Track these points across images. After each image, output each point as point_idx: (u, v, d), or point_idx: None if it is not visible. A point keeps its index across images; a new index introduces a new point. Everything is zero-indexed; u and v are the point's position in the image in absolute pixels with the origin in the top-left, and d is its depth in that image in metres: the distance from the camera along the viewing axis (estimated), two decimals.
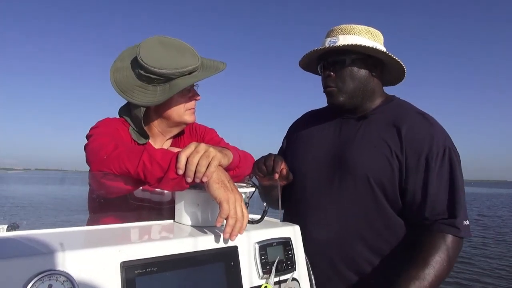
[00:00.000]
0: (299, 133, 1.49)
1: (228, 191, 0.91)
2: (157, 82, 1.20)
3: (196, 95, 1.32)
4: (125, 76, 1.23)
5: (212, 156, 0.92)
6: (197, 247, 0.86)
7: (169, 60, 1.19)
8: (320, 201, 1.28)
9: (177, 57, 1.21)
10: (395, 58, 1.27)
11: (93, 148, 1.07)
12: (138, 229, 0.97)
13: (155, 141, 1.36)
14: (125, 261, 0.75)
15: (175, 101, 1.27)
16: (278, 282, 0.97)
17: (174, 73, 1.19)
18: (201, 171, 0.90)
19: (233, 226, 0.89)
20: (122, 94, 1.23)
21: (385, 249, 1.22)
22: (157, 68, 1.17)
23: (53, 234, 0.86)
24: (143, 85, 1.22)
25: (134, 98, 1.22)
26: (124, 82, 1.23)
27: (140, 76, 1.21)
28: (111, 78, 1.24)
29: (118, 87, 1.23)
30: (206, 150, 0.92)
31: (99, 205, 1.23)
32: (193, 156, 0.91)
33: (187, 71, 1.21)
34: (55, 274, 0.66)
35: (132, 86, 1.22)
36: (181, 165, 0.91)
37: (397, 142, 1.21)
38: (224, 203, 0.89)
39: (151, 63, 1.18)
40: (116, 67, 1.26)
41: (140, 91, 1.22)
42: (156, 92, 1.21)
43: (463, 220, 1.15)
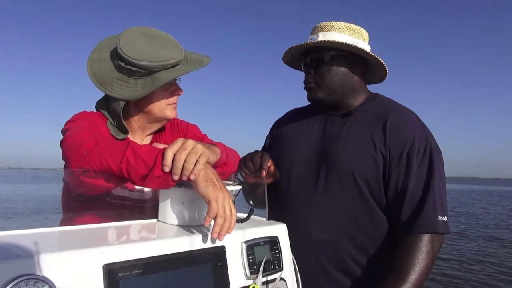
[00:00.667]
0: (283, 131, 1.47)
1: (217, 189, 0.88)
2: (138, 75, 1.15)
3: (178, 89, 1.27)
4: (104, 68, 1.17)
5: (200, 153, 0.89)
6: (184, 248, 0.83)
7: (151, 52, 1.14)
8: (306, 199, 1.28)
9: (160, 49, 1.15)
10: (374, 55, 1.27)
11: (72, 143, 1.00)
12: (120, 229, 0.93)
13: (134, 136, 1.30)
14: (108, 263, 0.71)
15: (157, 95, 1.22)
16: (266, 282, 0.95)
17: (157, 66, 1.14)
18: (188, 169, 0.87)
19: (221, 225, 0.86)
20: (100, 87, 1.17)
21: (371, 247, 1.22)
22: (138, 60, 1.12)
23: (28, 235, 0.80)
24: (123, 78, 1.16)
25: (114, 91, 1.16)
26: (102, 74, 1.17)
27: (120, 68, 1.15)
28: (88, 70, 1.17)
29: (96, 80, 1.16)
30: (193, 147, 0.89)
31: (75, 204, 1.16)
32: (180, 153, 0.87)
33: (170, 64, 1.15)
34: (32, 279, 0.61)
35: (111, 78, 1.16)
36: (167, 162, 0.87)
37: (382, 138, 1.22)
38: (213, 201, 0.86)
39: (132, 54, 1.12)
40: (94, 58, 1.19)
41: (120, 84, 1.16)
42: (137, 85, 1.15)
43: (440, 216, 1.15)
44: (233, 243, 0.92)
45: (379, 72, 1.38)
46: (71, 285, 0.66)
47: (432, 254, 1.14)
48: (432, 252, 1.14)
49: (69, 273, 0.66)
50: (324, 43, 1.25)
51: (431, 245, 1.14)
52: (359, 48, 1.25)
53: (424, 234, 1.14)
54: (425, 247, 1.13)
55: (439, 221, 1.15)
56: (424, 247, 1.13)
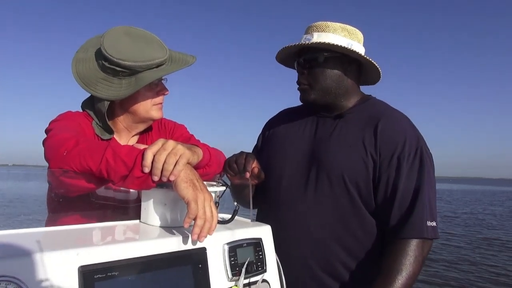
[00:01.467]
0: (275, 131, 1.46)
1: (197, 191, 0.87)
2: (122, 75, 1.14)
3: (164, 89, 1.26)
4: (88, 68, 1.16)
5: (180, 154, 0.88)
6: (163, 249, 0.82)
7: (135, 52, 1.13)
8: (296, 201, 1.27)
9: (144, 48, 1.15)
10: (368, 58, 1.26)
11: (53, 143, 0.99)
12: (100, 230, 0.92)
13: (120, 137, 1.29)
14: (84, 265, 0.70)
15: (142, 95, 1.21)
16: (248, 284, 0.95)
17: (140, 66, 1.13)
18: (168, 169, 0.86)
19: (201, 226, 0.85)
20: (85, 87, 1.16)
21: (359, 250, 1.22)
22: (122, 60, 1.11)
23: (4, 236, 0.79)
24: (107, 78, 1.15)
25: (98, 91, 1.15)
26: (87, 74, 1.16)
27: (104, 68, 1.14)
28: (73, 70, 1.16)
29: (81, 80, 1.16)
30: (174, 147, 0.88)
31: (59, 205, 1.15)
32: (160, 154, 0.86)
33: (154, 64, 1.15)
34: (3, 281, 0.60)
35: (95, 78, 1.15)
36: (147, 163, 0.86)
37: (372, 141, 1.21)
38: (192, 203, 0.85)
39: (115, 54, 1.11)
40: (79, 58, 1.18)
41: (104, 84, 1.15)
42: (121, 85, 1.14)
43: (428, 222, 1.14)
44: (215, 244, 0.91)
45: (373, 74, 1.37)
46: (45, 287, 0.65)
47: (420, 259, 1.13)
48: (420, 257, 1.13)
49: (43, 275, 0.65)
50: (319, 44, 1.24)
51: (419, 250, 1.13)
52: (353, 51, 1.24)
53: (412, 239, 1.13)
54: (412, 252, 1.12)
55: (428, 226, 1.14)
56: (412, 251, 1.12)
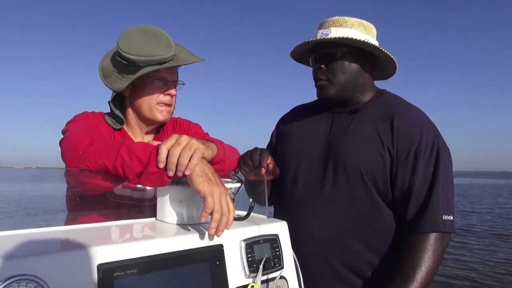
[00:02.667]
0: (289, 128, 1.46)
1: (213, 185, 0.86)
2: (130, 69, 1.18)
3: (170, 89, 1.27)
4: (109, 62, 1.22)
5: (194, 148, 0.88)
6: (181, 246, 0.82)
7: (141, 48, 1.16)
8: (313, 197, 1.26)
9: (151, 45, 1.17)
10: (386, 52, 1.25)
11: (68, 143, 1.01)
12: (118, 228, 0.92)
13: (134, 134, 1.32)
14: (103, 263, 0.70)
15: (147, 92, 1.24)
16: (266, 281, 0.94)
17: (141, 61, 1.16)
18: (183, 164, 0.86)
19: (218, 221, 0.84)
20: (102, 78, 1.22)
21: (378, 244, 1.21)
22: (127, 53, 1.15)
23: (26, 234, 0.80)
24: (118, 71, 1.20)
25: (109, 83, 1.21)
26: (106, 68, 1.22)
27: (116, 61, 1.19)
28: (99, 64, 1.23)
29: (102, 72, 1.22)
30: (188, 142, 0.88)
31: (77, 203, 1.17)
32: (174, 148, 0.86)
33: (154, 61, 1.17)
34: (24, 279, 0.61)
35: (111, 71, 1.21)
36: (161, 158, 0.86)
37: (389, 136, 1.20)
38: (208, 197, 0.84)
39: (124, 48, 1.16)
40: (107, 54, 1.25)
41: (116, 76, 1.20)
42: (128, 79, 1.18)
43: (444, 215, 1.14)
44: (232, 241, 0.91)
45: (388, 68, 1.36)
46: (65, 285, 0.65)
47: (439, 252, 1.13)
48: (438, 251, 1.12)
49: (63, 273, 0.66)
50: (339, 39, 1.22)
51: (437, 244, 1.13)
52: (374, 45, 1.23)
53: (429, 233, 1.13)
54: (431, 246, 1.12)
55: (444, 220, 1.13)
56: (430, 245, 1.12)
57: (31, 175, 9.12)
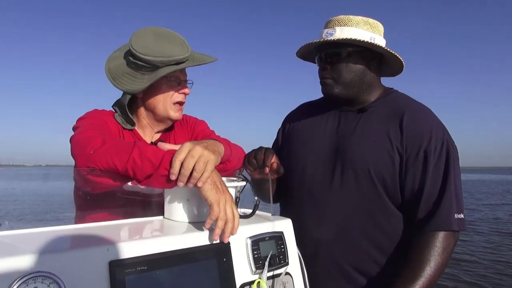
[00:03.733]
0: (295, 126, 1.46)
1: (219, 193, 0.89)
2: (145, 70, 1.19)
3: (185, 88, 1.29)
4: (118, 64, 1.23)
5: (207, 160, 0.89)
6: (189, 244, 0.84)
7: (157, 48, 1.17)
8: (321, 196, 1.27)
9: (166, 46, 1.19)
10: (392, 52, 1.25)
11: (79, 141, 1.03)
12: (127, 226, 0.95)
13: (144, 133, 1.33)
14: (114, 260, 0.72)
15: (162, 91, 1.26)
16: (271, 277, 0.96)
17: (160, 61, 1.17)
18: (196, 177, 0.88)
19: (222, 228, 0.88)
20: (112, 80, 1.22)
21: (386, 244, 1.22)
22: (144, 55, 1.16)
23: (38, 233, 0.82)
24: (131, 72, 1.20)
25: (122, 84, 1.21)
26: (115, 70, 1.23)
27: (129, 62, 1.20)
28: (105, 67, 1.24)
29: (110, 74, 1.22)
30: (201, 155, 0.89)
31: (86, 201, 1.19)
32: (187, 161, 0.87)
33: (173, 61, 1.18)
34: (40, 276, 0.63)
35: (122, 73, 1.21)
36: (175, 171, 0.87)
37: (398, 136, 1.20)
38: (214, 205, 0.87)
39: (139, 49, 1.17)
40: (112, 56, 1.26)
41: (128, 78, 1.21)
42: (143, 80, 1.19)
43: (456, 214, 1.15)
44: (238, 238, 0.93)
45: (395, 66, 1.35)
46: (78, 281, 0.68)
47: (448, 250, 1.14)
48: (448, 249, 1.14)
49: (76, 270, 0.68)
50: (342, 40, 1.22)
51: (446, 242, 1.14)
52: (378, 45, 1.23)
53: (440, 231, 1.14)
54: (440, 244, 1.13)
55: (455, 218, 1.14)
56: (440, 243, 1.13)
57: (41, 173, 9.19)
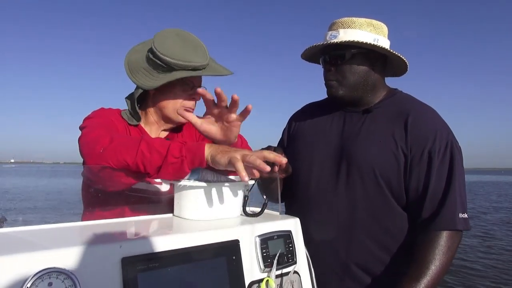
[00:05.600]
0: (300, 126, 1.47)
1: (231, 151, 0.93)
2: (161, 69, 1.20)
3: (196, 94, 1.30)
4: (137, 58, 1.24)
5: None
6: (199, 242, 0.85)
7: (178, 51, 1.19)
8: (327, 196, 1.28)
9: (187, 50, 1.20)
10: (395, 53, 1.26)
11: (88, 141, 1.04)
12: (138, 224, 0.96)
13: (150, 129, 1.35)
14: (126, 257, 0.73)
15: (174, 94, 1.27)
16: (280, 275, 0.97)
17: (177, 64, 1.18)
18: None
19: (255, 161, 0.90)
20: (128, 72, 1.24)
21: (391, 244, 1.23)
22: (163, 55, 1.18)
23: (52, 229, 0.84)
24: (148, 69, 1.22)
25: (137, 78, 1.23)
26: (134, 63, 1.24)
27: (148, 59, 1.22)
28: (125, 58, 1.26)
29: (128, 66, 1.24)
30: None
31: (95, 199, 1.20)
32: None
33: (190, 66, 1.19)
34: (55, 272, 0.64)
35: (139, 67, 1.23)
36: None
37: (403, 136, 1.21)
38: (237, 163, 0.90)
39: (160, 48, 1.18)
40: (135, 49, 1.27)
41: (144, 73, 1.22)
42: (158, 78, 1.21)
43: (460, 214, 1.16)
44: (247, 237, 0.94)
45: (400, 66, 1.36)
46: (91, 277, 0.69)
47: (452, 249, 1.15)
48: (452, 248, 1.15)
49: (89, 266, 0.69)
50: (346, 42, 1.24)
51: (451, 241, 1.15)
52: (381, 47, 1.24)
53: (444, 230, 1.15)
54: (445, 243, 1.14)
55: (460, 218, 1.16)
56: (444, 242, 1.14)
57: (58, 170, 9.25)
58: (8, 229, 0.82)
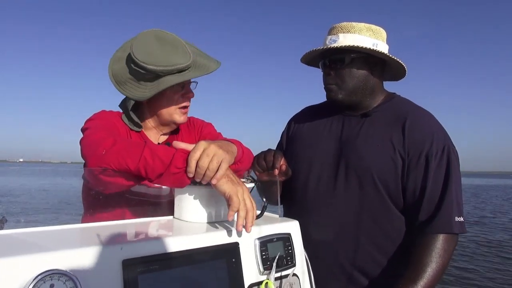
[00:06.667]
0: (299, 129, 1.48)
1: (236, 185, 0.92)
2: (147, 77, 1.18)
3: (189, 92, 1.30)
4: (121, 68, 1.21)
5: (221, 159, 0.92)
6: (199, 244, 0.85)
7: (159, 57, 1.16)
8: (325, 199, 1.29)
9: (169, 54, 1.17)
10: (394, 58, 1.27)
11: (90, 142, 1.04)
12: (138, 226, 0.96)
13: (150, 135, 1.34)
14: (127, 259, 0.74)
15: (167, 98, 1.26)
16: (279, 278, 0.97)
17: (162, 70, 1.16)
18: (209, 176, 0.91)
19: (244, 217, 0.90)
20: (116, 85, 1.22)
21: (389, 246, 1.24)
22: (146, 64, 1.15)
23: (53, 231, 0.84)
24: (133, 79, 1.20)
25: (126, 90, 1.21)
26: (119, 74, 1.21)
27: (131, 69, 1.19)
28: (109, 68, 1.22)
29: (114, 78, 1.21)
30: (215, 153, 0.92)
31: (96, 201, 1.21)
32: (202, 160, 0.90)
33: (175, 70, 1.17)
34: (57, 273, 0.65)
35: (125, 78, 1.20)
36: (191, 169, 0.91)
37: (401, 140, 1.23)
38: (233, 196, 0.89)
39: (141, 57, 1.15)
40: (116, 56, 1.23)
41: (132, 84, 1.20)
42: (146, 87, 1.19)
43: (456, 217, 1.17)
44: (246, 239, 0.94)
45: (398, 71, 1.38)
46: (92, 279, 0.69)
47: (449, 252, 1.16)
48: (448, 251, 1.16)
49: (91, 268, 0.70)
50: (345, 47, 1.25)
51: (447, 244, 1.16)
52: (380, 52, 1.25)
53: (440, 234, 1.16)
54: (441, 246, 1.15)
55: (456, 221, 1.17)
56: (441, 245, 1.15)
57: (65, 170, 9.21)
58: (10, 230, 0.83)
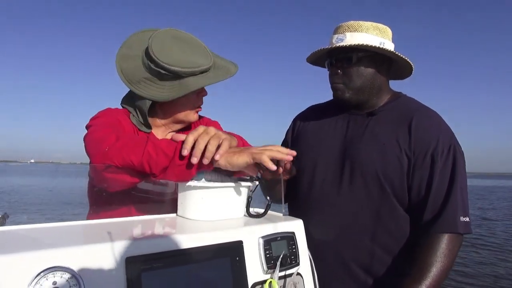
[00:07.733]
0: (304, 128, 1.47)
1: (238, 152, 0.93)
2: (166, 77, 1.16)
3: (204, 91, 1.30)
4: (133, 66, 1.19)
5: (222, 138, 0.91)
6: (203, 242, 0.85)
7: (181, 57, 1.15)
8: (330, 198, 1.28)
9: (190, 54, 1.17)
10: (402, 56, 1.26)
11: (94, 139, 1.04)
12: (142, 223, 0.96)
13: (157, 132, 1.34)
14: (130, 256, 0.74)
15: (184, 98, 1.23)
16: (283, 277, 0.97)
17: (185, 72, 1.15)
18: (211, 151, 0.88)
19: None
20: (128, 84, 1.20)
21: (394, 246, 1.23)
22: (168, 65, 1.13)
23: (56, 228, 0.84)
24: (151, 78, 1.17)
25: (141, 90, 1.18)
26: (131, 72, 1.19)
27: (149, 68, 1.17)
28: (117, 66, 1.20)
29: (125, 77, 1.19)
30: (215, 132, 0.90)
31: (100, 198, 1.21)
32: (202, 137, 0.89)
33: (198, 71, 1.17)
34: (59, 270, 0.65)
35: (139, 77, 1.18)
36: (187, 145, 0.88)
37: (407, 139, 1.22)
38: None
39: (163, 58, 1.13)
40: (123, 54, 1.21)
41: (147, 83, 1.18)
42: (164, 87, 1.17)
43: (461, 217, 1.16)
44: (250, 238, 0.94)
45: (405, 69, 1.37)
46: (95, 276, 0.69)
47: (454, 252, 1.15)
48: (453, 251, 1.15)
49: (93, 265, 0.70)
50: (355, 45, 1.24)
51: (452, 244, 1.15)
52: (388, 50, 1.24)
53: (445, 233, 1.15)
54: (446, 246, 1.14)
55: (461, 221, 1.16)
56: (446, 245, 1.14)
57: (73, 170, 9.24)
58: (13, 227, 0.83)
